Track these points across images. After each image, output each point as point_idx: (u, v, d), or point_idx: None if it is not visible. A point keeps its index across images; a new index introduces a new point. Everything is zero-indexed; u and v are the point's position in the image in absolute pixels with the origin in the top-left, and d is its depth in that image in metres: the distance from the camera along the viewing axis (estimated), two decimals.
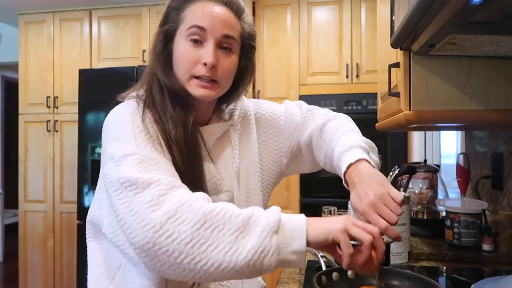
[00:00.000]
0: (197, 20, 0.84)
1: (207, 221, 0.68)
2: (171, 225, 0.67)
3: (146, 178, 0.71)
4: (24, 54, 3.46)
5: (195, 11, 0.85)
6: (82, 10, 3.37)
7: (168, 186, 0.72)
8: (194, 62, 0.84)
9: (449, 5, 0.62)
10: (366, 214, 0.77)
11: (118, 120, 0.83)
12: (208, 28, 0.83)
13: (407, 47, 0.99)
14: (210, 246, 0.67)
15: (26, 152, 3.46)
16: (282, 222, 0.70)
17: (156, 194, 0.70)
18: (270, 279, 3.00)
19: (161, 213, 0.68)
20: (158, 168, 0.75)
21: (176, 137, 0.83)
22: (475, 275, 1.15)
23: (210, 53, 0.83)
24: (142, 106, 0.85)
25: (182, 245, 0.67)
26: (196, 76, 0.84)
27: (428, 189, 1.62)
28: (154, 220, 0.68)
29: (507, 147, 1.43)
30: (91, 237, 0.94)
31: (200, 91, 0.85)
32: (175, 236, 0.67)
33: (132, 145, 0.77)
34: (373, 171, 0.82)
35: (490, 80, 0.99)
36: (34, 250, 3.39)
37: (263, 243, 0.68)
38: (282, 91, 3.09)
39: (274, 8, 3.13)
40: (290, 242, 0.69)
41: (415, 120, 1.02)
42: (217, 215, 0.69)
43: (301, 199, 3.00)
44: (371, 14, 2.95)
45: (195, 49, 0.84)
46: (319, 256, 1.08)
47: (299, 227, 0.70)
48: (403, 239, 1.24)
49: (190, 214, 0.68)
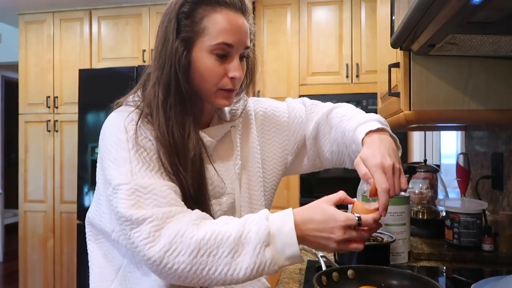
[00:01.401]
0: (225, 37, 0.82)
1: (201, 249, 0.73)
2: (169, 258, 0.73)
3: (140, 215, 0.75)
4: (24, 54, 3.46)
5: (219, 23, 0.82)
6: (82, 10, 3.37)
7: (162, 219, 0.75)
8: (222, 76, 0.85)
9: (449, 5, 0.62)
10: (373, 170, 0.76)
11: (113, 139, 0.83)
12: (235, 44, 0.84)
13: (407, 47, 0.99)
14: (210, 270, 0.73)
15: (26, 152, 3.46)
16: (272, 233, 0.73)
17: (152, 230, 0.74)
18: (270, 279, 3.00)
19: (157, 249, 0.73)
20: (151, 197, 0.77)
21: (179, 145, 0.82)
22: (475, 275, 1.15)
23: (238, 67, 0.85)
24: (139, 115, 0.84)
25: (185, 273, 0.74)
26: (222, 89, 0.86)
27: (428, 189, 1.62)
28: (153, 256, 0.73)
29: (507, 147, 1.43)
30: (90, 239, 0.94)
31: (224, 101, 0.87)
32: (176, 267, 0.73)
33: (127, 170, 0.79)
34: (395, 146, 0.85)
35: (490, 80, 0.99)
36: (34, 250, 3.39)
37: (257, 259, 0.72)
38: (282, 91, 3.09)
39: (274, 8, 3.13)
40: (283, 251, 0.73)
41: (415, 120, 1.03)
42: (208, 241, 0.73)
43: (301, 199, 3.00)
44: (371, 14, 2.95)
45: (220, 63, 0.84)
46: (319, 256, 1.08)
47: (288, 236, 0.73)
48: (403, 239, 1.24)
49: (184, 245, 0.73)
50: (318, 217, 0.75)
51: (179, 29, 0.83)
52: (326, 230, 0.73)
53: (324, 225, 0.74)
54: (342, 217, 0.73)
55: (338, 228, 0.73)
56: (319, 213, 0.75)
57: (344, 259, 1.06)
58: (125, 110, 0.86)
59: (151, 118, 0.84)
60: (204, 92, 0.86)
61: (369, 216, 0.74)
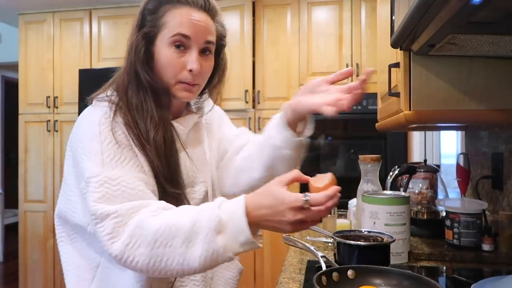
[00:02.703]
0: (181, 28, 0.87)
1: (157, 240, 0.74)
2: (130, 252, 0.75)
3: (104, 211, 0.76)
4: (24, 54, 3.46)
5: (177, 17, 0.87)
6: (82, 10, 3.37)
7: (126, 215, 0.76)
8: (180, 68, 0.88)
9: (449, 5, 0.62)
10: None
11: (86, 131, 0.86)
12: (192, 36, 0.87)
13: (407, 47, 0.99)
14: (167, 261, 0.75)
15: (26, 152, 3.46)
16: (224, 221, 0.74)
17: (115, 226, 0.76)
18: (271, 279, 3.00)
19: (119, 244, 0.75)
20: (119, 189, 0.79)
21: (154, 137, 0.86)
22: (475, 275, 1.15)
23: (195, 60, 0.87)
24: (113, 109, 0.87)
25: (144, 265, 0.75)
26: (181, 81, 0.89)
27: (428, 189, 1.62)
28: (115, 250, 0.75)
29: (507, 147, 1.43)
30: (63, 240, 0.93)
31: (184, 94, 0.91)
32: (137, 260, 0.75)
33: (98, 162, 0.81)
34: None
35: (490, 80, 0.99)
36: (34, 250, 3.39)
37: (210, 247, 0.73)
38: (282, 91, 3.09)
39: (274, 8, 3.13)
40: (235, 238, 0.74)
41: (415, 120, 1.02)
42: (164, 232, 0.74)
43: None
44: (371, 14, 2.94)
45: (179, 55, 0.88)
46: (319, 256, 1.08)
47: (239, 222, 0.73)
48: (403, 239, 1.24)
49: (142, 238, 0.75)
50: (267, 202, 0.74)
51: (142, 24, 0.90)
52: (277, 213, 0.73)
53: (274, 209, 0.74)
54: (291, 199, 0.73)
55: (288, 211, 0.73)
56: (268, 197, 0.75)
57: (344, 259, 1.06)
58: (99, 104, 0.90)
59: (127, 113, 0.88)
60: (165, 84, 0.90)
61: (319, 194, 0.73)
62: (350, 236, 1.11)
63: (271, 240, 3.03)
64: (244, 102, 3.10)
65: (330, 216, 1.61)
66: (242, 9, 3.12)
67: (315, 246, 1.17)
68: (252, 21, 3.14)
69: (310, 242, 1.38)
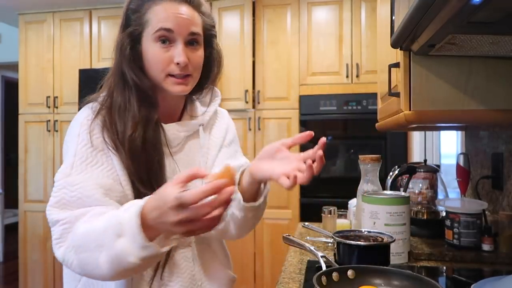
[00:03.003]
0: (164, 23, 0.87)
1: (81, 246, 0.76)
2: (68, 256, 0.78)
3: (54, 217, 0.80)
4: (24, 54, 3.46)
5: (159, 13, 0.87)
6: (82, 10, 3.37)
7: (72, 223, 0.79)
8: (167, 62, 0.88)
9: (449, 5, 0.62)
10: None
11: (70, 132, 0.89)
12: (175, 29, 0.87)
13: (407, 47, 0.99)
14: (88, 266, 0.76)
15: (26, 152, 3.46)
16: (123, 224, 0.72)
17: (63, 232, 0.79)
18: (270, 279, 3.00)
19: (63, 249, 0.79)
20: (76, 195, 0.81)
21: (131, 135, 0.86)
22: (475, 275, 1.15)
23: (181, 52, 0.87)
24: (96, 111, 0.89)
25: (78, 269, 0.78)
26: (171, 75, 0.89)
27: (428, 189, 1.62)
28: (59, 254, 0.79)
29: (507, 147, 1.43)
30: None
31: (176, 88, 0.90)
32: (72, 263, 0.78)
33: (68, 165, 0.84)
34: None
35: (490, 80, 0.99)
36: (34, 250, 3.39)
37: (112, 252, 0.73)
38: (282, 91, 3.09)
39: (274, 8, 3.13)
40: (134, 241, 0.71)
41: (415, 120, 1.02)
42: (85, 237, 0.76)
43: (301, 199, 3.00)
44: (371, 14, 2.95)
45: (165, 49, 0.88)
46: (319, 256, 1.08)
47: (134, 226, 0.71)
48: (403, 239, 1.24)
49: (73, 243, 0.78)
50: (155, 203, 0.70)
51: (127, 24, 0.91)
52: (163, 215, 0.69)
53: (160, 210, 0.69)
54: (170, 198, 0.67)
55: (170, 211, 0.67)
56: (157, 198, 0.71)
57: (344, 259, 1.06)
58: (89, 106, 0.92)
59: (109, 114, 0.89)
60: (155, 80, 0.90)
61: (193, 190, 0.67)
62: (350, 236, 1.11)
63: (271, 240, 3.03)
64: (244, 102, 3.10)
65: (330, 216, 1.61)
66: (242, 9, 3.12)
67: (315, 246, 1.17)
68: (252, 21, 3.14)
69: (310, 242, 1.38)
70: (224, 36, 3.14)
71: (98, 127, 0.87)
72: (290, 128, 3.06)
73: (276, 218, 3.03)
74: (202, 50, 0.93)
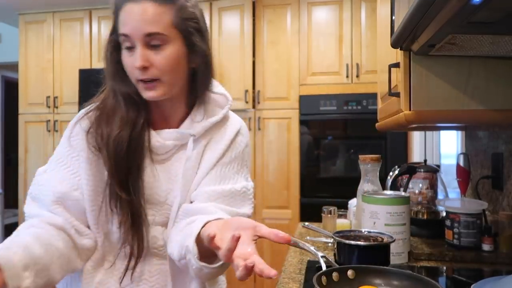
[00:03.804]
0: (122, 29, 0.85)
1: None
2: None
3: (25, 207, 0.89)
4: (24, 54, 3.46)
5: (121, 19, 0.86)
6: (82, 10, 3.37)
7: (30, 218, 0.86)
8: (132, 68, 0.86)
9: (449, 5, 0.62)
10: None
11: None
12: (130, 34, 0.84)
13: (407, 47, 0.99)
14: None
15: (26, 152, 3.46)
16: None
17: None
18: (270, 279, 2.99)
19: None
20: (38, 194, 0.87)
21: (116, 137, 0.86)
22: (475, 275, 1.15)
23: (137, 56, 0.84)
24: (87, 111, 0.92)
25: None
26: (140, 80, 0.86)
27: (428, 189, 1.62)
28: None
29: (507, 147, 1.43)
30: None
31: (147, 93, 0.87)
32: None
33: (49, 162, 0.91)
34: None
35: (490, 80, 0.99)
36: None
37: None
38: (282, 91, 3.09)
39: (274, 8, 3.13)
40: None
41: (415, 120, 1.02)
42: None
43: (301, 199, 3.00)
44: (371, 14, 2.95)
45: (130, 55, 0.86)
46: (319, 256, 1.08)
47: None
48: (403, 239, 1.24)
49: None
50: None
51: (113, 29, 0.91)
52: None
53: None
54: None
55: None
56: None
57: (344, 259, 1.06)
58: (85, 107, 0.95)
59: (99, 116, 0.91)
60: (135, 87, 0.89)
61: None
62: (350, 236, 1.11)
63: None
64: (244, 102, 3.10)
65: (330, 216, 1.61)
66: (242, 9, 3.12)
67: (315, 246, 1.17)
68: (252, 21, 3.14)
69: (310, 242, 1.38)
70: (224, 36, 3.14)
71: (82, 128, 0.89)
72: (290, 128, 3.06)
73: (276, 218, 3.03)
74: (171, 50, 0.85)
